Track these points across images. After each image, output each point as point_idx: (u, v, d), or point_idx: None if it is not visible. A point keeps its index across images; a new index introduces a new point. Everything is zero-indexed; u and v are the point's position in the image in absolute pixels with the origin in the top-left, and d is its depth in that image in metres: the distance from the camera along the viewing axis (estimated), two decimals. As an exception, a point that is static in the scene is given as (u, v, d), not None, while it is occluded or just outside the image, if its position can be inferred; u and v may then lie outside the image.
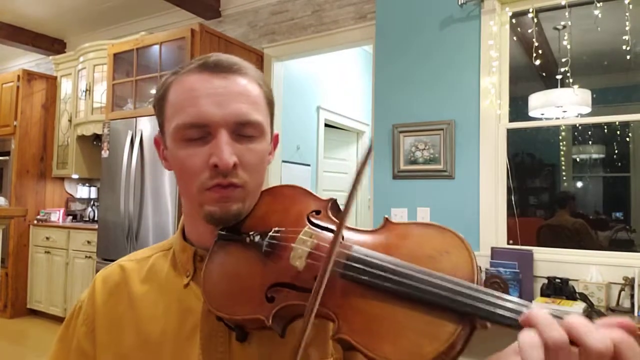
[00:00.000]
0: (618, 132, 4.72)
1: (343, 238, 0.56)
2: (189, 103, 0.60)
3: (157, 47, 3.52)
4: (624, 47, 2.28)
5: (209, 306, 0.58)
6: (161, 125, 0.66)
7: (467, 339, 0.45)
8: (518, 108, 3.45)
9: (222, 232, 0.63)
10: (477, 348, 0.47)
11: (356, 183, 0.51)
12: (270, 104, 0.67)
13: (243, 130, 0.61)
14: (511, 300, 0.44)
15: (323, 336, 0.64)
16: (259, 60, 3.70)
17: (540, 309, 0.42)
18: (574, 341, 0.40)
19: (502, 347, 0.50)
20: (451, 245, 0.52)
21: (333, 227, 0.59)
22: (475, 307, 0.45)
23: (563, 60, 2.52)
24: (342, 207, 0.60)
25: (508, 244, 2.53)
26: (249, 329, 0.58)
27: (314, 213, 0.63)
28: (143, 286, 0.69)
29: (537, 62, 2.52)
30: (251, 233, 0.61)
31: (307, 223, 0.61)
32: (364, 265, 0.52)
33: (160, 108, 0.65)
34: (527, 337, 0.40)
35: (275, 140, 0.71)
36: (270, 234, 0.60)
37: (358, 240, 0.57)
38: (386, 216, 0.60)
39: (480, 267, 0.49)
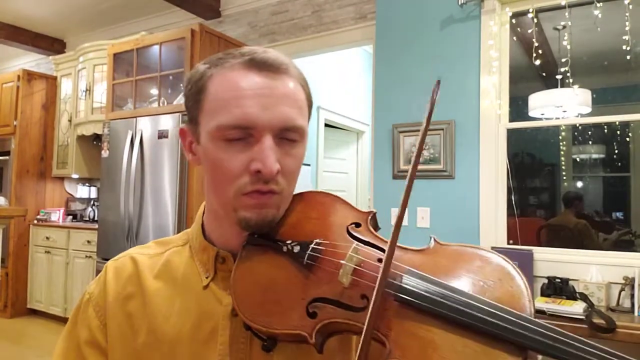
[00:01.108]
0: (618, 132, 4.71)
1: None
2: (233, 102, 0.57)
3: (157, 47, 3.52)
4: (624, 47, 2.28)
5: (241, 314, 0.55)
6: (194, 117, 0.62)
7: None
8: (518, 108, 3.45)
9: (254, 237, 0.60)
10: None
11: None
12: (310, 105, 0.65)
13: (287, 135, 0.59)
14: (569, 335, 0.44)
15: (345, 355, 0.62)
16: (259, 60, 3.70)
17: None
18: None
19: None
20: (504, 273, 0.51)
21: (376, 242, 0.57)
22: (535, 340, 0.44)
23: (563, 60, 2.52)
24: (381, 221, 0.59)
25: (508, 243, 2.53)
26: (282, 342, 0.55)
27: (353, 225, 0.60)
28: (157, 282, 0.66)
29: (537, 62, 2.52)
30: (289, 242, 0.58)
31: (349, 236, 0.59)
32: (422, 289, 0.50)
33: (196, 101, 0.61)
34: None
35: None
36: (312, 245, 0.57)
37: (408, 260, 0.55)
38: (433, 236, 0.58)
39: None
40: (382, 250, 0.55)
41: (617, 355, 0.42)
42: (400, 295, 0.50)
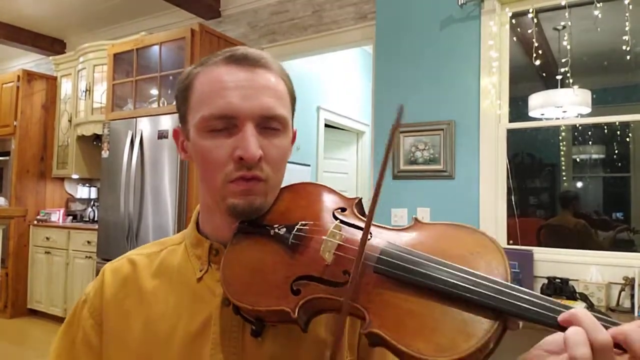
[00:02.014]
0: (618, 132, 4.72)
1: (371, 235, 0.56)
2: (216, 94, 0.60)
3: (157, 47, 3.52)
4: (624, 47, 2.28)
5: (228, 295, 0.57)
6: (183, 116, 0.66)
7: (499, 337, 0.45)
8: (518, 108, 3.45)
9: (243, 224, 0.63)
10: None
11: (382, 171, 0.51)
12: (293, 100, 0.68)
13: (268, 124, 0.62)
14: (546, 299, 0.45)
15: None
16: (259, 61, 3.70)
17: (583, 310, 0.42)
18: (619, 345, 0.40)
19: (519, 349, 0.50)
20: (483, 246, 0.52)
21: (361, 224, 0.59)
22: (511, 305, 0.45)
23: (563, 60, 2.52)
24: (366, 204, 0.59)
25: (508, 244, 2.53)
26: (269, 323, 0.57)
27: (339, 210, 0.63)
28: (153, 281, 0.68)
29: (537, 63, 2.52)
30: (276, 226, 0.61)
31: (334, 219, 0.61)
32: (398, 259, 0.51)
33: (183, 98, 0.65)
34: (575, 333, 0.40)
35: (293, 136, 0.71)
36: (298, 226, 0.60)
37: (388, 236, 0.57)
38: (415, 216, 0.60)
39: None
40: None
41: (601, 318, 0.43)
42: (378, 266, 0.52)
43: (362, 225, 0.58)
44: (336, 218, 0.61)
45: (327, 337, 0.62)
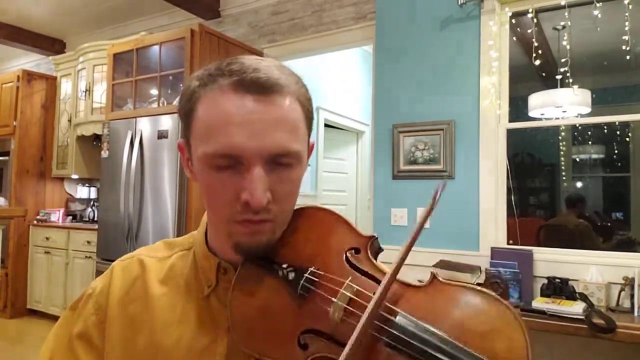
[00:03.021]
0: (618, 132, 4.72)
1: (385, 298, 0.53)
2: (222, 131, 0.54)
3: (157, 47, 3.52)
4: (623, 47, 2.28)
5: (235, 338, 0.56)
6: (187, 137, 0.61)
7: None
8: (518, 108, 3.45)
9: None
10: None
11: (413, 241, 0.49)
12: (310, 121, 0.62)
13: (280, 160, 0.56)
14: None
15: None
16: (259, 61, 3.70)
17: None
18: None
19: None
20: (505, 323, 0.48)
21: (373, 273, 0.55)
22: None
23: (563, 60, 2.52)
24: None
25: (508, 244, 2.53)
26: None
27: (352, 251, 0.59)
28: (161, 288, 0.66)
29: (537, 62, 2.52)
30: (284, 267, 0.57)
31: (347, 264, 0.57)
32: (411, 338, 0.48)
33: (187, 122, 0.59)
34: None
35: (311, 148, 0.65)
36: (307, 275, 0.56)
37: (402, 298, 0.52)
38: (433, 272, 0.54)
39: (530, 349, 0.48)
40: (379, 282, 0.53)
41: None
42: (390, 341, 0.48)
43: (377, 274, 0.55)
44: (349, 263, 0.57)
45: None
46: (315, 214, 0.64)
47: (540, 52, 2.49)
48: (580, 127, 4.81)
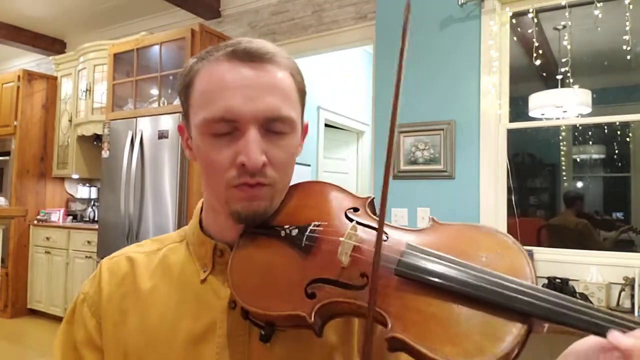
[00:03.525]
0: (618, 132, 4.72)
1: (388, 235, 0.55)
2: (217, 95, 0.57)
3: (157, 47, 3.52)
4: (624, 47, 2.28)
5: (237, 299, 0.54)
6: (186, 112, 0.63)
7: (525, 341, 0.44)
8: (518, 108, 3.45)
9: (250, 226, 0.61)
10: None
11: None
12: (302, 94, 0.64)
13: (273, 126, 0.58)
14: (576, 302, 0.44)
15: (347, 338, 0.62)
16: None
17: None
18: None
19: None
20: (505, 247, 0.51)
21: (374, 224, 0.58)
22: (541, 307, 0.44)
23: (563, 60, 2.52)
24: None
25: (508, 244, 2.53)
26: (280, 328, 0.54)
27: (352, 210, 0.61)
28: (152, 281, 0.65)
29: (537, 62, 2.52)
30: (287, 227, 0.58)
31: (347, 220, 0.59)
32: (422, 261, 0.50)
33: (186, 95, 0.62)
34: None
35: (305, 129, 0.68)
36: (311, 227, 0.58)
37: (407, 238, 0.55)
38: (432, 217, 0.58)
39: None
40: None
41: (623, 318, 0.42)
42: (400, 269, 0.50)
43: (377, 226, 0.57)
44: (349, 219, 0.59)
45: (335, 340, 0.61)
46: (310, 185, 0.66)
47: (540, 52, 2.49)
48: (580, 127, 4.81)
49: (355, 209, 0.61)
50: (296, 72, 0.63)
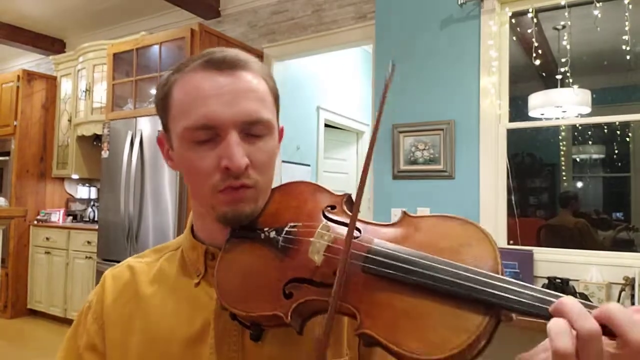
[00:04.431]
0: (618, 132, 4.72)
1: (361, 231, 0.56)
2: (196, 103, 0.59)
3: (156, 47, 3.52)
4: (624, 47, 2.28)
5: (223, 302, 0.56)
6: (165, 124, 0.65)
7: (493, 331, 0.45)
8: (518, 108, 3.45)
9: (235, 230, 0.62)
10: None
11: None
12: (276, 98, 0.66)
13: (252, 129, 0.60)
14: (538, 290, 0.44)
15: (337, 335, 0.64)
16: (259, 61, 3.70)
17: (571, 298, 0.41)
18: (610, 331, 0.38)
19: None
20: (473, 238, 0.51)
21: (348, 221, 0.59)
22: (501, 297, 0.44)
23: (563, 60, 2.52)
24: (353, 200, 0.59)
25: (508, 244, 2.53)
26: (266, 327, 0.56)
27: (329, 208, 0.62)
28: (152, 287, 0.68)
29: (537, 62, 2.52)
30: (266, 229, 0.60)
31: (323, 218, 0.60)
32: (385, 257, 0.51)
33: (163, 107, 0.64)
34: (556, 324, 0.39)
35: (280, 133, 0.70)
36: (287, 229, 0.59)
37: (377, 233, 0.56)
38: (404, 210, 0.60)
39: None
40: (356, 229, 0.56)
41: (589, 306, 0.41)
42: (366, 265, 0.51)
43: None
44: (326, 217, 0.61)
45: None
46: (292, 186, 0.68)
47: (540, 52, 2.49)
48: (580, 127, 4.81)
49: (333, 207, 0.62)
50: (269, 77, 0.65)
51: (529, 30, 2.54)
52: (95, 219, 4.53)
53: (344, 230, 0.57)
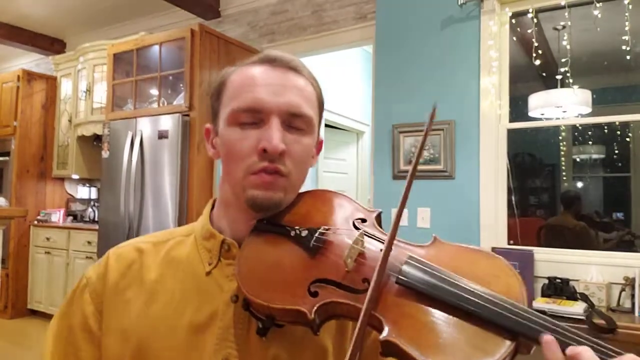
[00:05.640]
0: (618, 132, 4.72)
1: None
2: (246, 89, 0.63)
3: (157, 47, 3.52)
4: (623, 47, 2.28)
5: (243, 289, 0.56)
6: (215, 113, 0.68)
7: (512, 358, 0.46)
8: (518, 108, 3.45)
9: (262, 222, 0.63)
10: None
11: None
12: (321, 106, 0.70)
13: (294, 122, 0.64)
14: (565, 328, 0.45)
15: (341, 346, 0.64)
16: (259, 61, 3.70)
17: (588, 349, 0.42)
18: None
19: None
20: (501, 271, 0.53)
21: (381, 236, 0.60)
22: (528, 328, 0.45)
23: (563, 60, 2.52)
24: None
25: (508, 244, 2.53)
26: (279, 322, 0.56)
27: (359, 220, 0.64)
28: (159, 270, 0.68)
29: (537, 62, 2.52)
30: (297, 227, 0.62)
31: (355, 228, 0.62)
32: (421, 272, 0.52)
33: (217, 95, 0.68)
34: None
35: (319, 146, 0.73)
36: (320, 230, 0.61)
37: (409, 250, 0.58)
38: (435, 235, 0.61)
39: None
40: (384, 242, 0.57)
41: (607, 347, 0.43)
42: (401, 277, 0.52)
43: (383, 237, 0.60)
44: (357, 228, 0.62)
45: (329, 345, 0.63)
46: (323, 193, 0.70)
47: (540, 52, 2.49)
48: (580, 127, 4.81)
49: (364, 220, 0.64)
50: (317, 85, 0.69)
51: (529, 31, 2.54)
52: (96, 219, 4.53)
53: (375, 243, 0.59)
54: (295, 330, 0.57)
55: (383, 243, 0.58)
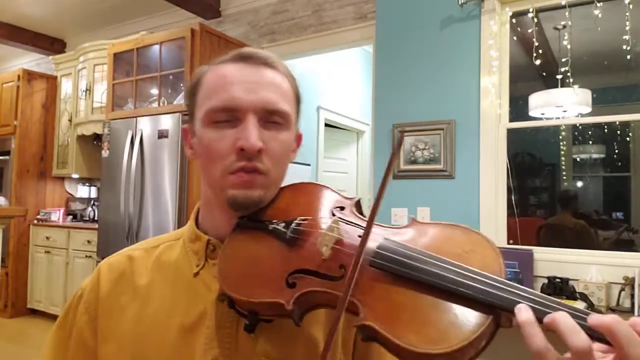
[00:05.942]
0: (618, 132, 4.72)
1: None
2: (221, 88, 0.62)
3: (157, 47, 3.52)
4: (624, 47, 2.28)
5: (223, 287, 0.57)
6: (192, 113, 0.67)
7: (493, 333, 0.45)
8: (518, 108, 3.45)
9: (242, 220, 0.63)
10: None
11: (387, 175, 0.54)
12: (298, 100, 0.69)
13: (271, 118, 0.63)
14: (540, 295, 0.45)
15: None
16: (259, 60, 3.70)
17: (565, 314, 0.42)
18: (605, 339, 0.40)
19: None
20: (477, 245, 0.53)
21: (359, 222, 0.60)
22: (504, 300, 0.45)
23: (563, 60, 2.52)
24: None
25: (508, 243, 2.53)
26: (263, 316, 0.56)
27: (338, 209, 0.64)
28: (150, 276, 0.68)
29: (537, 62, 2.52)
30: (275, 221, 0.61)
31: (332, 216, 0.62)
32: (394, 253, 0.52)
33: (192, 96, 0.67)
34: (544, 346, 0.40)
35: (298, 140, 0.72)
36: (296, 221, 0.61)
37: (384, 233, 0.57)
38: (412, 216, 0.62)
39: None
40: (363, 228, 0.57)
41: (584, 311, 0.43)
42: (375, 259, 0.52)
43: (361, 223, 0.60)
44: (334, 215, 0.62)
45: (321, 337, 0.63)
46: (303, 185, 0.70)
47: (540, 51, 2.49)
48: (580, 127, 4.81)
49: (342, 208, 0.64)
50: (293, 80, 0.69)
51: (530, 30, 2.54)
52: (95, 218, 4.53)
53: (352, 229, 0.59)
54: (284, 324, 0.57)
55: (360, 228, 0.58)
